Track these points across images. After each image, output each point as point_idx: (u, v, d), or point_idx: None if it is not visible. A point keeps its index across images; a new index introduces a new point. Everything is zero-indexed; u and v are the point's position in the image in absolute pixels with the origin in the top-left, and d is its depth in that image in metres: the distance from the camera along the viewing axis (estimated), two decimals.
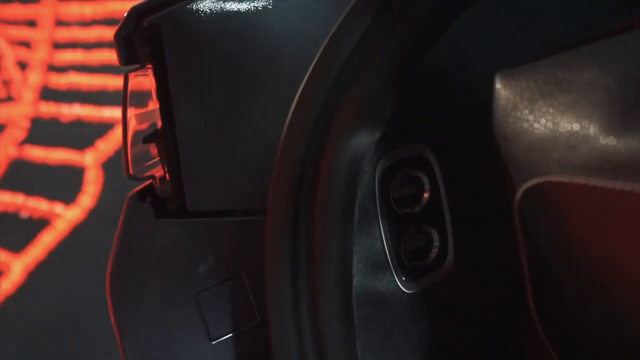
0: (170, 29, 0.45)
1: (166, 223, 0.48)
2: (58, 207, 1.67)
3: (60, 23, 1.73)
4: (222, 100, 0.49)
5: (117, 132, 1.90)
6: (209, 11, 0.46)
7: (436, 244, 0.49)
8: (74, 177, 1.71)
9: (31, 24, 1.68)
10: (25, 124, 1.67)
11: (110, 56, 1.89)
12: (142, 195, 0.48)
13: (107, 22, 1.84)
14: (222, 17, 0.47)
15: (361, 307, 0.45)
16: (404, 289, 0.48)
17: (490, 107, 0.39)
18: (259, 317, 0.46)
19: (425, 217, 0.48)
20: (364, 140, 0.37)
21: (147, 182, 0.48)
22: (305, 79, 0.39)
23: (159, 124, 0.46)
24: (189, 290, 0.47)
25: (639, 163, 0.28)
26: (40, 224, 1.66)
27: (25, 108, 1.65)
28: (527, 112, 0.35)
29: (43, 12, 1.68)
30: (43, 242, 1.62)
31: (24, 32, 1.69)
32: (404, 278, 0.47)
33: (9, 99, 1.63)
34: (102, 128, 1.82)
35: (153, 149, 0.48)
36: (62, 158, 1.68)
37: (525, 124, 0.37)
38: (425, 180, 0.47)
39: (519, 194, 0.39)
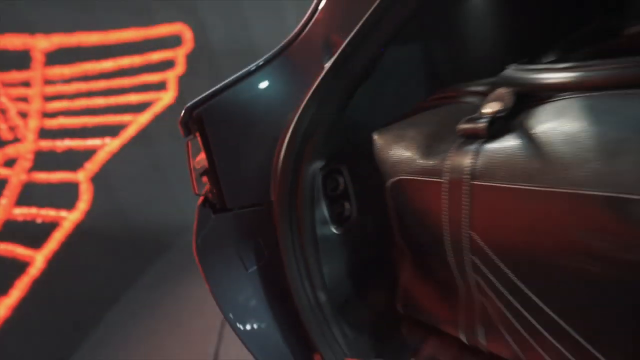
0: (207, 116, 0.53)
1: (218, 216, 0.55)
2: (63, 213, 1.63)
3: (48, 82, 1.66)
4: (239, 150, 0.55)
5: (99, 155, 1.87)
6: (227, 102, 0.54)
7: (348, 208, 0.58)
8: (72, 191, 1.68)
9: (26, 84, 1.60)
10: (31, 157, 1.60)
11: (88, 102, 1.85)
12: (204, 203, 0.56)
13: (82, 78, 1.80)
14: (236, 103, 0.54)
15: (320, 242, 0.55)
16: (335, 232, 0.57)
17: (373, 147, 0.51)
18: (267, 256, 0.56)
19: (342, 197, 0.58)
20: (317, 164, 0.50)
21: (203, 196, 0.56)
22: (287, 138, 0.50)
23: (207, 165, 0.54)
24: (234, 250, 0.55)
25: (432, 171, 0.43)
26: (51, 226, 1.61)
27: (28, 145, 1.59)
28: (388, 150, 0.49)
29: (34, 75, 1.61)
30: (55, 238, 1.59)
31: (21, 91, 1.60)
32: (335, 227, 0.57)
33: (15, 140, 1.56)
34: (88, 153, 1.79)
35: (204, 179, 0.56)
36: (61, 178, 1.64)
37: (389, 154, 0.49)
38: (341, 179, 0.57)
39: (388, 185, 0.50)
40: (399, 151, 0.48)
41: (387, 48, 0.50)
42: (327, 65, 0.50)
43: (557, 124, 0.36)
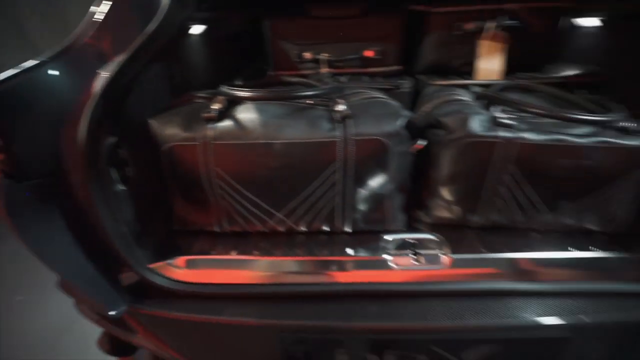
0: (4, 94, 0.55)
1: (18, 185, 0.56)
2: None
3: None
4: (28, 130, 0.55)
5: None
6: (13, 90, 0.55)
7: (129, 169, 0.69)
8: None
9: None
10: None
11: None
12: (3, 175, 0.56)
13: None
14: (22, 91, 0.56)
15: (118, 195, 0.66)
16: (123, 188, 0.69)
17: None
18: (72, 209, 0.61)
19: (124, 164, 0.69)
20: (108, 141, 0.65)
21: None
22: (86, 123, 0.57)
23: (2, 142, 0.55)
24: (40, 207, 0.58)
25: (191, 139, 0.70)
26: None
27: None
28: (162, 128, 0.72)
29: None
30: None
31: None
32: (121, 183, 0.69)
33: None
34: None
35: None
36: None
37: (162, 131, 0.72)
38: (122, 152, 0.69)
39: (163, 149, 0.73)
40: (169, 129, 0.72)
41: (147, 66, 0.68)
42: (104, 72, 0.61)
43: (246, 114, 0.72)
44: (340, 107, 0.70)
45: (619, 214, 0.73)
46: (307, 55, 1.00)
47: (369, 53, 0.99)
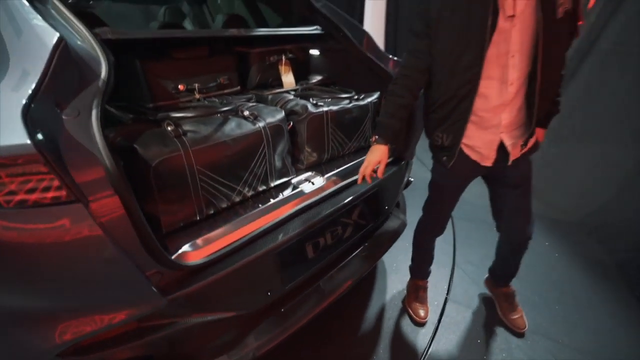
0: None
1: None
2: None
3: None
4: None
5: None
6: None
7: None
8: None
9: None
10: None
11: None
12: None
13: None
14: None
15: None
16: None
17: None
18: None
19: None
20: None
21: None
22: (101, 143, 0.71)
23: None
24: None
25: (173, 151, 0.92)
26: None
27: None
28: (147, 150, 0.93)
29: None
30: None
31: None
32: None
33: None
34: None
35: None
36: None
37: (149, 152, 0.93)
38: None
39: (152, 166, 0.92)
40: (153, 149, 0.93)
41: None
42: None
43: (198, 127, 1.05)
44: (247, 112, 1.16)
45: (368, 135, 1.66)
46: (181, 87, 1.28)
47: (222, 80, 1.40)
